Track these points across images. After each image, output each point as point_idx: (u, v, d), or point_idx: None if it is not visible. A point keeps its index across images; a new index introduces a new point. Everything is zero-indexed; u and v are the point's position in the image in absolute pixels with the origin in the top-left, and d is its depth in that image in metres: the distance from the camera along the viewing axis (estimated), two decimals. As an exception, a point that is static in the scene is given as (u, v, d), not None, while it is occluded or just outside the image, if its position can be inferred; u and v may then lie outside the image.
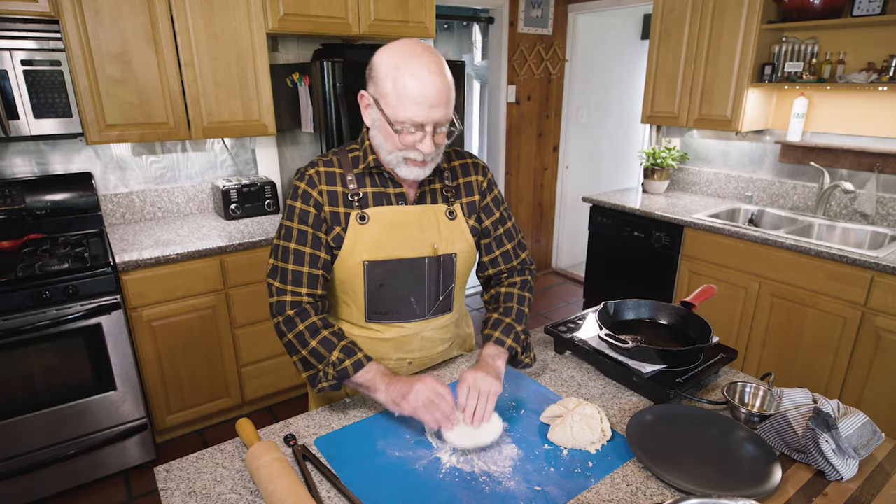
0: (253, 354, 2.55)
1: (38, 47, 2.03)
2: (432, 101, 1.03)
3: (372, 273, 1.18)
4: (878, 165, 2.63)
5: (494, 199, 1.31)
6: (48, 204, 2.35)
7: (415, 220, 1.19)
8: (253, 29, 2.41)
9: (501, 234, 1.32)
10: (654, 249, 3.00)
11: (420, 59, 1.03)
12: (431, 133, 1.06)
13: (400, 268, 1.19)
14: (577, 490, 0.94)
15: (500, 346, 1.21)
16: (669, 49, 3.05)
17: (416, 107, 1.03)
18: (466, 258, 1.27)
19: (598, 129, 4.65)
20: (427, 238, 1.20)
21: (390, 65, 1.04)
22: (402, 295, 1.22)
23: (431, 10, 2.85)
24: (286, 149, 2.89)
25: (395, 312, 1.24)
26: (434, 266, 1.22)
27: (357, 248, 1.16)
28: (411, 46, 1.05)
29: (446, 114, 1.07)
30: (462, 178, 1.27)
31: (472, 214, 1.27)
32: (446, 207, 1.23)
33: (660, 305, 1.46)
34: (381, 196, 1.19)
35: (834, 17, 2.49)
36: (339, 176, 1.17)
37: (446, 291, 1.26)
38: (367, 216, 1.16)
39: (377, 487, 0.94)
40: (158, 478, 0.97)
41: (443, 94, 1.04)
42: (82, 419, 2.10)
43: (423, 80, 1.02)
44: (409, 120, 1.04)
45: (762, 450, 1.01)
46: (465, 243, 1.26)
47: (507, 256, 1.33)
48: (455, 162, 1.28)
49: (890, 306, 2.15)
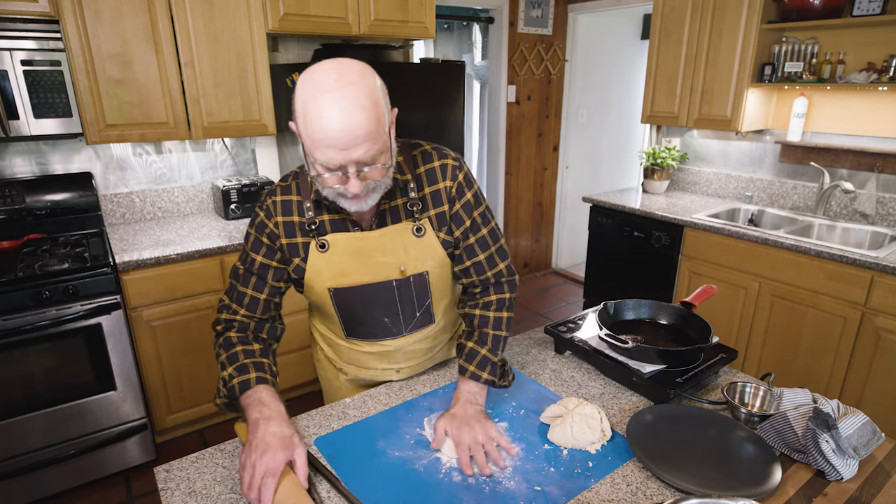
0: (253, 354, 2.55)
1: (38, 47, 2.03)
2: (344, 142, 0.88)
3: (339, 299, 1.15)
4: (878, 165, 2.63)
5: (465, 206, 1.16)
6: (48, 204, 2.35)
7: (375, 246, 1.12)
8: (253, 29, 2.41)
9: (473, 243, 1.18)
10: (654, 249, 3.00)
11: (329, 95, 0.88)
12: (356, 174, 0.93)
13: (367, 292, 1.15)
14: (577, 490, 0.94)
15: (477, 381, 1.13)
16: (669, 49, 3.05)
17: (328, 149, 0.89)
18: (441, 272, 1.19)
19: (598, 129, 4.65)
20: (392, 261, 1.13)
21: (301, 101, 0.90)
22: (375, 317, 1.19)
23: (431, 10, 2.85)
24: (286, 149, 2.89)
25: (371, 332, 1.22)
26: (405, 287, 1.16)
27: (321, 275, 1.12)
28: (324, 76, 0.90)
29: (368, 150, 0.91)
30: (428, 188, 1.14)
31: (443, 227, 1.15)
32: (412, 224, 1.13)
33: (660, 305, 1.46)
34: (337, 223, 1.11)
35: (834, 17, 2.49)
36: (297, 204, 1.10)
37: (423, 307, 1.21)
38: (327, 243, 1.10)
39: (377, 487, 0.94)
40: (158, 478, 0.97)
41: (358, 131, 0.88)
42: (82, 419, 2.10)
43: (331, 120, 0.87)
44: (324, 163, 0.91)
45: (762, 450, 1.01)
46: (437, 259, 1.16)
47: (479, 267, 1.19)
48: (421, 168, 1.14)
49: (890, 306, 2.15)
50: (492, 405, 1.18)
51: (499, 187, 4.23)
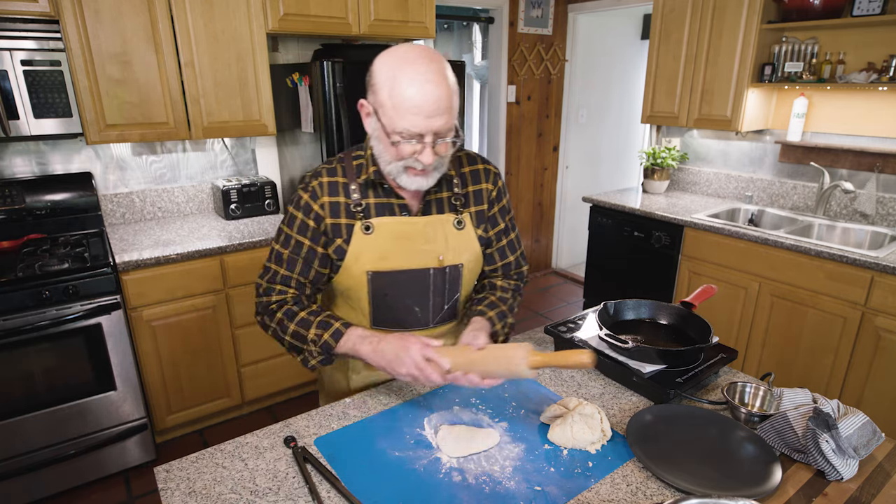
0: (253, 354, 2.55)
1: (38, 47, 2.03)
2: (430, 110, 0.98)
3: (376, 283, 1.17)
4: (878, 165, 2.63)
5: (501, 210, 1.28)
6: (48, 204, 2.35)
7: (419, 232, 1.17)
8: (253, 29, 2.41)
9: (504, 245, 1.30)
10: (654, 249, 3.00)
11: (417, 67, 0.98)
12: (431, 144, 1.02)
13: (404, 279, 1.18)
14: (577, 490, 0.94)
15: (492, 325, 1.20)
16: (669, 49, 3.05)
17: (414, 117, 0.98)
18: (473, 267, 1.26)
19: (598, 129, 4.65)
20: (432, 249, 1.18)
21: (387, 73, 0.99)
22: (407, 305, 1.21)
23: (431, 10, 2.85)
24: (286, 149, 2.89)
25: (399, 321, 1.23)
26: (439, 277, 1.20)
27: (361, 258, 1.15)
28: (409, 52, 1.00)
29: (447, 122, 1.02)
30: (472, 186, 1.24)
31: (481, 224, 1.25)
32: (454, 217, 1.20)
33: (660, 305, 1.46)
34: (384, 207, 1.16)
35: (834, 17, 2.49)
36: (343, 186, 1.15)
37: (452, 301, 1.25)
38: (372, 226, 1.14)
39: (377, 487, 0.94)
40: (158, 478, 0.97)
41: (442, 102, 0.99)
42: (82, 419, 2.10)
43: (421, 88, 0.97)
44: (406, 130, 1.00)
45: (762, 450, 1.01)
46: (473, 253, 1.23)
47: (507, 268, 1.32)
48: (466, 168, 1.24)
49: (890, 306, 2.15)
50: (492, 405, 1.18)
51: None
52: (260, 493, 0.93)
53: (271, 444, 1.06)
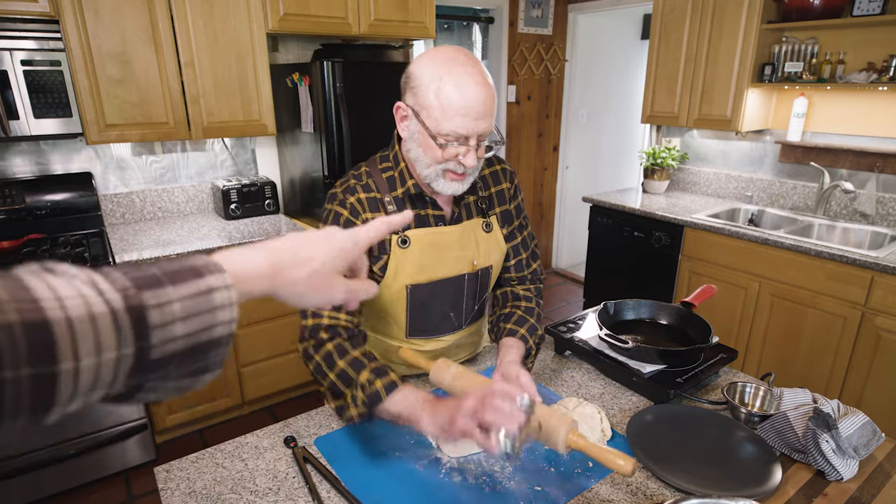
0: (253, 354, 2.55)
1: (38, 47, 2.02)
2: (478, 112, 0.98)
3: (414, 296, 1.16)
4: (878, 165, 2.63)
5: (517, 207, 1.30)
6: (48, 204, 2.35)
7: (455, 240, 1.17)
8: (253, 29, 2.41)
9: (518, 242, 1.30)
10: (654, 249, 3.00)
11: (465, 69, 0.98)
12: (475, 146, 1.02)
13: (441, 287, 1.18)
14: (577, 490, 0.94)
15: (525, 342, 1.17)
16: (669, 49, 3.05)
17: (462, 119, 0.98)
18: (499, 267, 1.27)
19: (598, 129, 4.65)
20: (466, 255, 1.18)
21: (433, 74, 0.98)
22: (443, 312, 1.21)
23: (431, 10, 2.85)
24: (286, 149, 2.89)
25: (434, 328, 1.23)
26: (473, 281, 1.21)
27: (400, 273, 1.13)
28: (454, 54, 1.00)
29: (490, 125, 1.02)
30: (494, 188, 1.25)
31: (505, 224, 1.26)
32: (483, 220, 1.21)
33: (660, 305, 1.46)
34: (421, 219, 1.15)
35: (834, 17, 2.49)
36: (380, 202, 1.12)
37: (481, 300, 1.27)
38: (409, 239, 1.12)
39: (377, 487, 0.94)
40: (158, 478, 0.97)
41: (488, 104, 0.99)
42: (82, 419, 2.10)
43: (469, 90, 0.97)
44: (453, 133, 0.99)
45: (762, 450, 1.01)
46: (500, 253, 1.25)
47: (519, 266, 1.31)
48: (486, 171, 1.25)
49: (890, 306, 2.15)
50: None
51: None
52: (260, 493, 0.93)
53: (271, 444, 1.06)
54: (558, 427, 0.86)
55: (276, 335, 2.57)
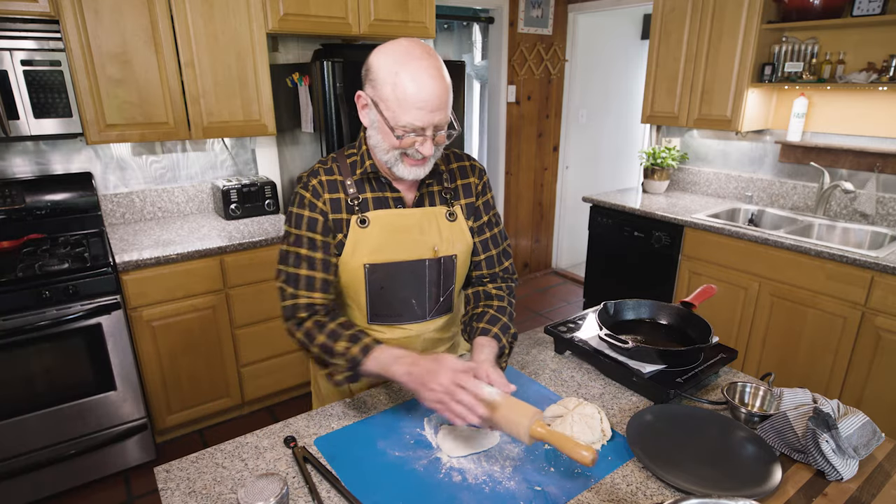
0: (253, 354, 2.55)
1: (38, 47, 2.02)
2: (433, 105, 1.02)
3: (373, 276, 1.18)
4: (878, 165, 2.63)
5: (485, 203, 1.31)
6: (48, 204, 2.35)
7: (415, 223, 1.20)
8: (253, 29, 2.41)
9: (488, 237, 1.31)
10: (654, 249, 3.00)
11: (420, 63, 1.01)
12: (432, 136, 1.06)
13: (400, 270, 1.19)
14: (577, 490, 0.94)
15: (498, 341, 1.17)
16: (669, 49, 3.05)
17: (418, 111, 1.02)
18: (465, 259, 1.28)
19: (598, 129, 4.65)
20: (427, 240, 1.20)
21: (389, 69, 1.02)
22: (404, 297, 1.22)
23: (431, 10, 2.85)
24: (286, 149, 2.89)
25: (396, 314, 1.24)
26: (434, 268, 1.22)
27: (357, 251, 1.16)
28: (410, 48, 1.04)
29: (445, 116, 1.06)
30: (460, 181, 1.27)
31: (471, 216, 1.28)
32: (446, 209, 1.24)
33: (660, 305, 1.46)
34: (380, 200, 1.19)
35: (834, 17, 2.49)
36: (340, 183, 1.17)
37: (447, 292, 1.27)
38: (368, 220, 1.17)
39: (377, 487, 0.94)
40: (158, 478, 0.97)
41: (443, 97, 1.03)
42: (82, 419, 2.10)
43: (425, 84, 1.01)
44: (409, 125, 1.04)
45: (762, 450, 1.01)
46: (465, 244, 1.26)
47: (490, 261, 1.31)
48: (454, 164, 1.28)
49: (890, 306, 2.15)
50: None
51: (499, 187, 4.23)
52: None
53: (271, 444, 1.06)
54: (520, 420, 0.93)
55: (276, 335, 2.57)
